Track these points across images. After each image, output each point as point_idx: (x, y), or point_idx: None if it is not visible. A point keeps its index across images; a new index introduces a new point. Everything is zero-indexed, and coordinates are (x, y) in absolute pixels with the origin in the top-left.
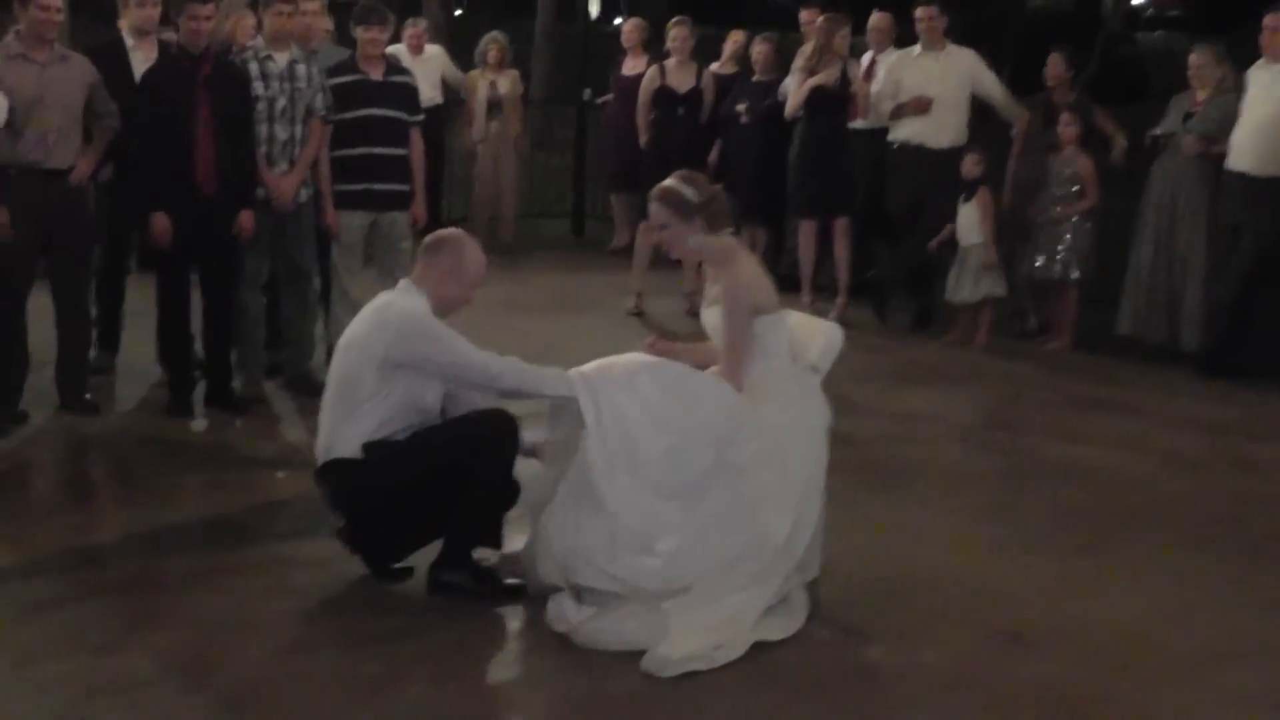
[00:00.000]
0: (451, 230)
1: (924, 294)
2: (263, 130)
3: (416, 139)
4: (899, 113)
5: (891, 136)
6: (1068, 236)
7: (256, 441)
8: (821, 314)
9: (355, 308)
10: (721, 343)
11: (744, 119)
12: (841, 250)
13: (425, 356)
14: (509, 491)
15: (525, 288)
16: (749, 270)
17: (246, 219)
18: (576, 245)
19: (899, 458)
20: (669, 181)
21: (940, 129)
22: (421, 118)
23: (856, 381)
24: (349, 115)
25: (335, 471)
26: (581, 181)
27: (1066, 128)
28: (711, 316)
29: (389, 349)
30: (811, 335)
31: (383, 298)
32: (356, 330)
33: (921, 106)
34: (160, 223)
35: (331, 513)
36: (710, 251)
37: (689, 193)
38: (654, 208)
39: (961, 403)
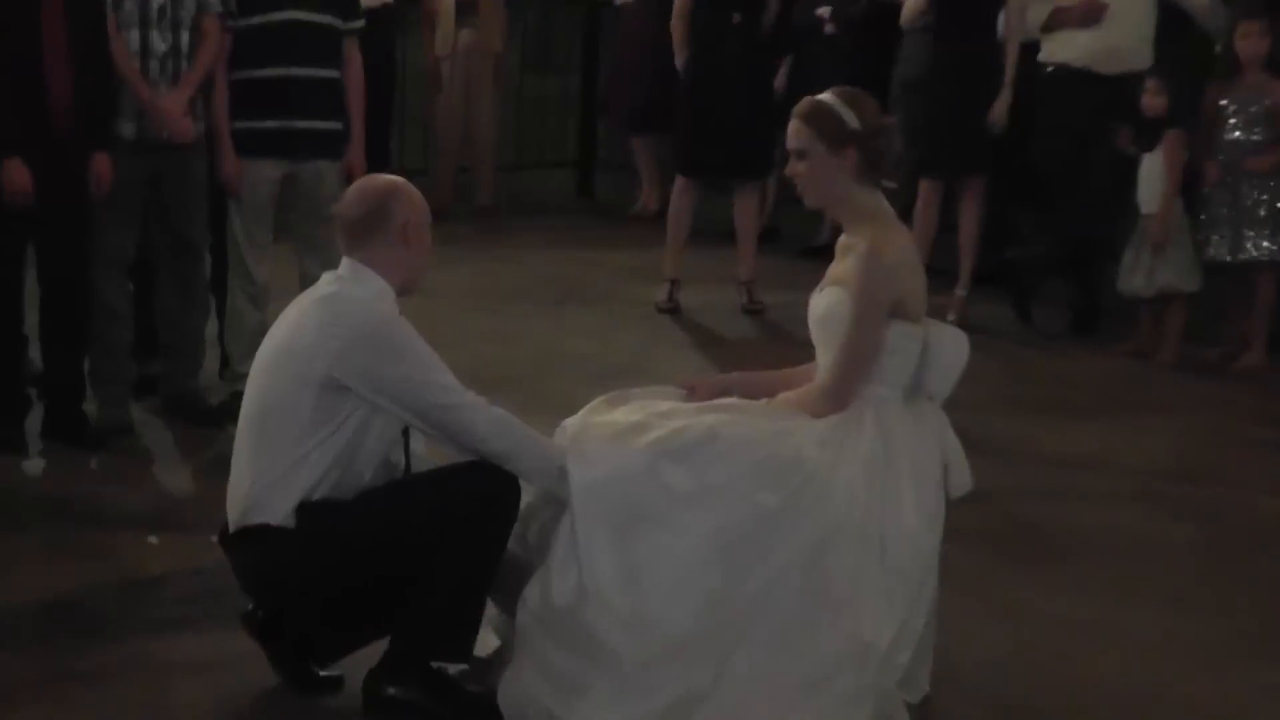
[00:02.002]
0: (372, 182)
1: (1086, 283)
2: (133, 38)
3: (354, 55)
4: (1056, 22)
5: (1045, 56)
6: (1261, 201)
7: (119, 491)
8: (938, 313)
9: (260, 299)
10: (843, 339)
11: (828, 29)
12: (969, 221)
13: (385, 383)
14: (489, 585)
15: (509, 271)
16: (900, 247)
17: (103, 165)
18: (583, 210)
19: (1050, 521)
20: (823, 96)
21: (1115, 47)
22: (361, 24)
23: (988, 411)
24: (257, 20)
25: (254, 541)
26: (591, 119)
27: (1248, 41)
28: (826, 302)
29: (335, 365)
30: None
31: (329, 285)
32: (289, 333)
33: (1090, 14)
34: (17, 173)
35: (242, 594)
36: (853, 207)
37: (848, 116)
38: (794, 127)
39: (1141, 442)
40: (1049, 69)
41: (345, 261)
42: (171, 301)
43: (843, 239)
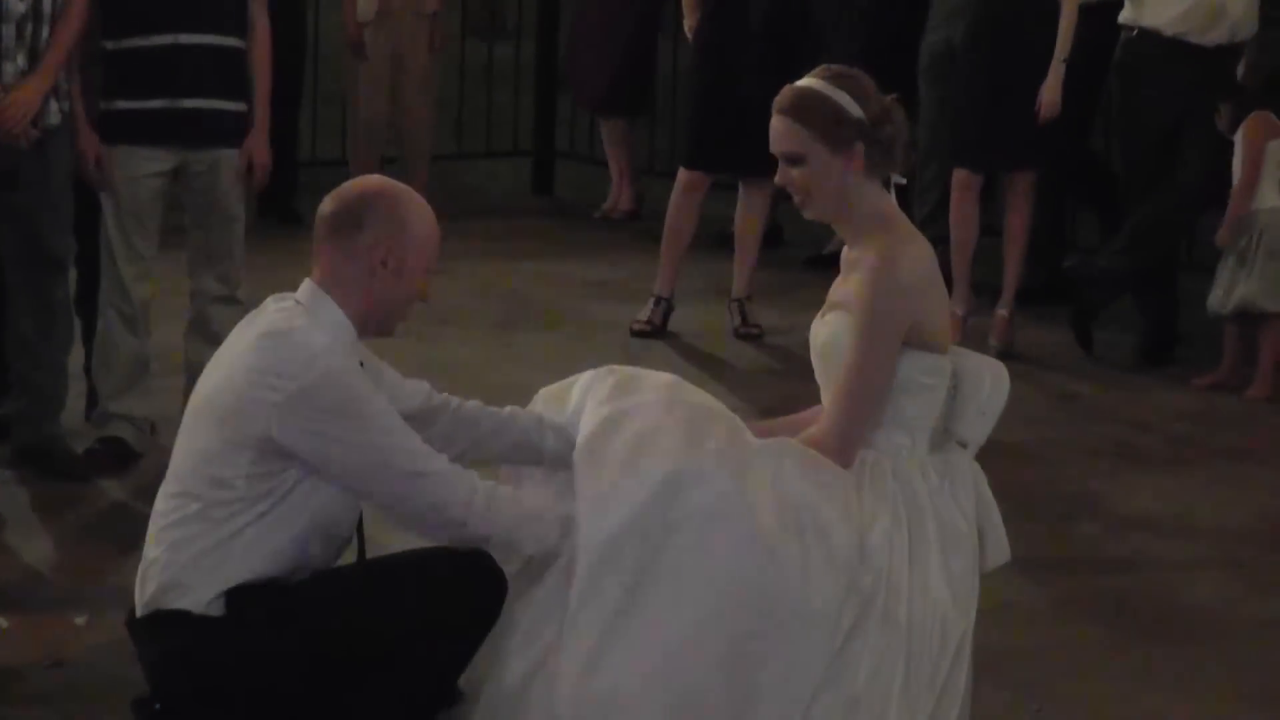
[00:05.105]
0: (361, 182)
1: (1161, 301)
2: None
3: (261, 20)
4: None
5: (1128, 19)
6: None
7: None
8: (977, 337)
9: (138, 323)
10: (842, 373)
11: None
12: (1016, 225)
13: (333, 449)
14: (441, 698)
15: (445, 285)
16: (916, 261)
17: None
18: (539, 210)
19: (1111, 597)
20: (809, 82)
21: (1219, 11)
22: None
23: (1036, 460)
24: None
25: (171, 628)
26: (549, 97)
27: None
28: (830, 330)
29: (276, 423)
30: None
31: (276, 316)
32: (224, 376)
33: None
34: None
35: (113, 689)
36: (860, 214)
37: (848, 104)
38: (783, 127)
39: (1226, 498)
40: (1133, 34)
41: (305, 282)
42: (26, 325)
43: (848, 251)
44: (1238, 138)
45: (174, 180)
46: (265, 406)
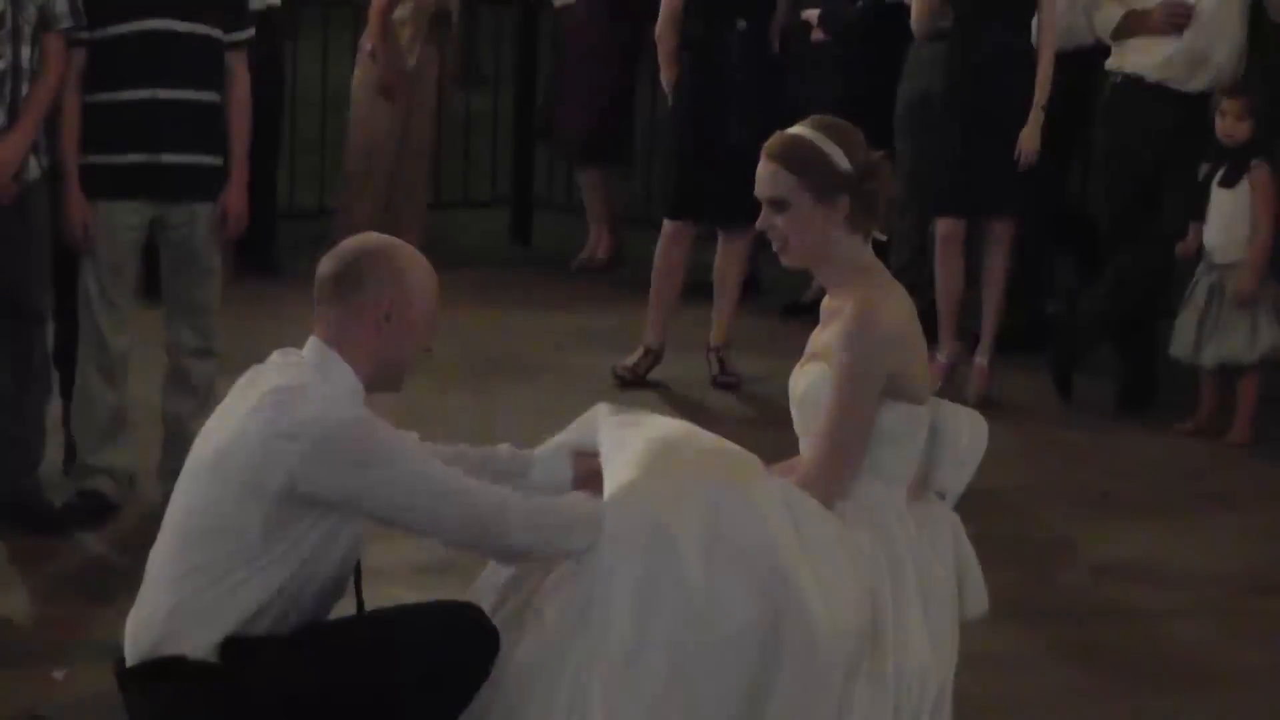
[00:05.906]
0: (359, 240)
1: (1141, 348)
2: None
3: (241, 74)
4: (1131, 28)
5: (1114, 65)
6: None
7: None
8: (954, 387)
9: (116, 374)
10: (820, 426)
11: (816, 35)
12: (995, 273)
13: (364, 492)
14: None
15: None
16: (895, 312)
17: None
18: (518, 259)
19: (1091, 645)
20: (802, 130)
21: (1202, 58)
22: (249, 35)
23: (1015, 508)
24: (114, 30)
25: (164, 678)
26: (527, 145)
27: None
28: (809, 380)
29: (301, 475)
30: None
31: (283, 371)
32: (232, 432)
33: (1174, 17)
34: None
35: None
36: (840, 264)
37: (837, 156)
38: (770, 172)
39: (1206, 545)
40: (1117, 80)
41: (310, 340)
42: (5, 378)
43: (828, 301)
44: (1239, 187)
45: (150, 232)
46: (287, 458)
